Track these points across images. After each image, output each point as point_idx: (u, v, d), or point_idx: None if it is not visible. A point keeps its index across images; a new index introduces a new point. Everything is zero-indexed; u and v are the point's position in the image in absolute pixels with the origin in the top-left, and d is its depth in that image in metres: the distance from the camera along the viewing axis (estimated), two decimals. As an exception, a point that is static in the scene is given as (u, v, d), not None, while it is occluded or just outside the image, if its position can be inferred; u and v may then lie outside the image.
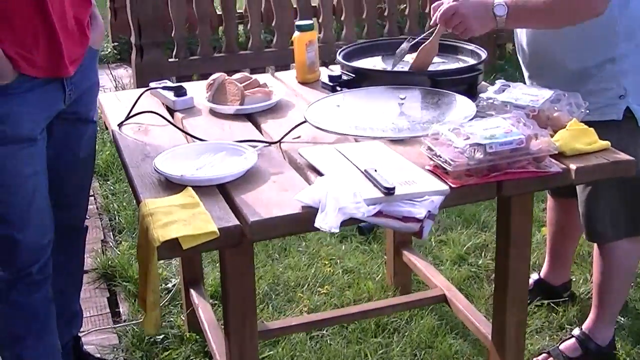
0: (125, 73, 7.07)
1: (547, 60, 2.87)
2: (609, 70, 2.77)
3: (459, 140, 2.19)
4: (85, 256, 3.10)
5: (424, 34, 2.89)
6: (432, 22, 2.87)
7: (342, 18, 6.51)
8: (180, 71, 5.90)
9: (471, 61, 2.96)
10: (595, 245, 3.09)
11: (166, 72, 5.60)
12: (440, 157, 2.19)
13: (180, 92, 2.84)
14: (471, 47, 3.02)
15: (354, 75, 2.82)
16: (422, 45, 2.81)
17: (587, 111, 2.54)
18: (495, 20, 2.63)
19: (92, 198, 4.61)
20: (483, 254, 4.01)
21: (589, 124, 2.42)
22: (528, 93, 2.59)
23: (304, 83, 3.05)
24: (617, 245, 2.99)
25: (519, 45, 2.99)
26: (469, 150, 2.17)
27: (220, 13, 6.27)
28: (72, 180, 2.76)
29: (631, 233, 2.97)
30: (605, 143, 2.37)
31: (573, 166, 2.26)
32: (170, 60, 5.95)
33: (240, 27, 7.07)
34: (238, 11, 6.46)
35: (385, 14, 6.59)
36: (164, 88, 2.88)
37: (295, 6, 6.32)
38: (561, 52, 2.81)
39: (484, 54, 2.92)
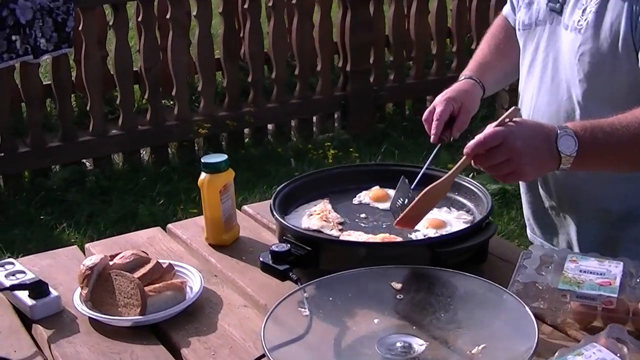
0: None
1: (575, 195, 2.03)
2: None
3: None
4: None
5: (426, 165, 2.02)
6: (434, 138, 2.03)
7: (200, 88, 5.52)
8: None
9: (467, 205, 2.07)
10: None
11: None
12: None
13: (39, 290, 1.81)
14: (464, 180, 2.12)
15: (309, 249, 1.85)
16: (429, 187, 1.85)
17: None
18: (559, 159, 1.71)
19: None
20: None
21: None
22: (588, 269, 1.74)
23: (218, 245, 2.06)
24: None
25: None
26: None
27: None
28: None
29: None
30: None
31: None
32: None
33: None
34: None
35: (250, 79, 5.64)
36: (15, 287, 1.83)
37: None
38: (599, 184, 1.99)
39: (485, 196, 2.03)
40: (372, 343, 1.58)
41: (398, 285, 1.73)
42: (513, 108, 1.74)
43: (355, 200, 2.15)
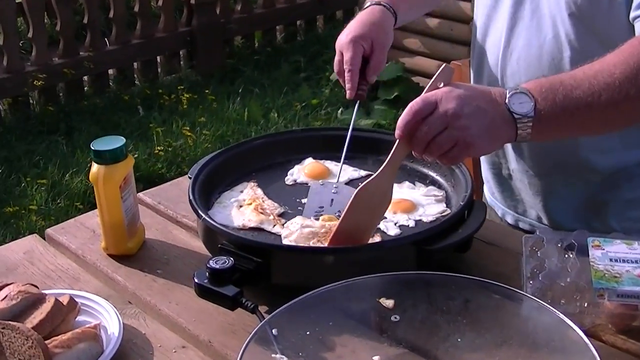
0: None
1: (553, 152, 1.67)
2: None
3: None
4: None
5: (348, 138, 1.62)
6: (349, 93, 1.65)
7: (30, 34, 4.83)
8: None
9: (431, 176, 1.69)
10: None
11: None
12: None
13: None
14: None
15: (259, 260, 1.39)
16: (358, 190, 1.42)
17: None
18: (513, 122, 1.34)
19: None
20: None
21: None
22: (618, 257, 1.41)
23: (120, 255, 1.58)
24: None
25: None
26: None
27: None
28: None
29: None
30: None
31: None
32: None
33: None
34: None
35: (85, 20, 5.00)
36: None
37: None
38: (584, 139, 1.62)
39: (460, 171, 1.62)
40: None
41: (389, 302, 1.31)
42: (444, 66, 1.37)
43: (289, 180, 1.71)
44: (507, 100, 1.34)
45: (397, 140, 1.38)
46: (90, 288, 1.48)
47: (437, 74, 1.39)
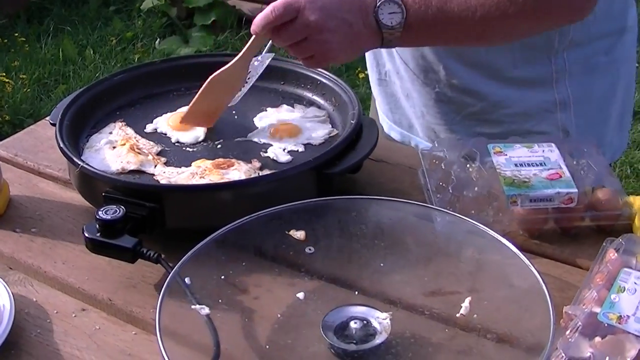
0: None
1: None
2: None
3: None
4: None
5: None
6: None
7: None
8: None
9: (307, 97, 1.62)
10: None
11: None
12: None
13: None
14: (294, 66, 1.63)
15: (153, 205, 1.28)
16: (214, 75, 1.46)
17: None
18: (379, 34, 1.32)
19: None
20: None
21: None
22: (521, 161, 1.38)
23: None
24: None
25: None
26: None
27: None
28: None
29: None
30: None
31: None
32: None
33: None
34: None
35: None
36: None
37: None
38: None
39: (329, 80, 1.57)
40: (313, 332, 1.10)
41: (300, 234, 1.25)
42: None
43: (149, 127, 1.57)
44: (376, 9, 1.30)
45: (254, 36, 1.35)
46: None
47: None
